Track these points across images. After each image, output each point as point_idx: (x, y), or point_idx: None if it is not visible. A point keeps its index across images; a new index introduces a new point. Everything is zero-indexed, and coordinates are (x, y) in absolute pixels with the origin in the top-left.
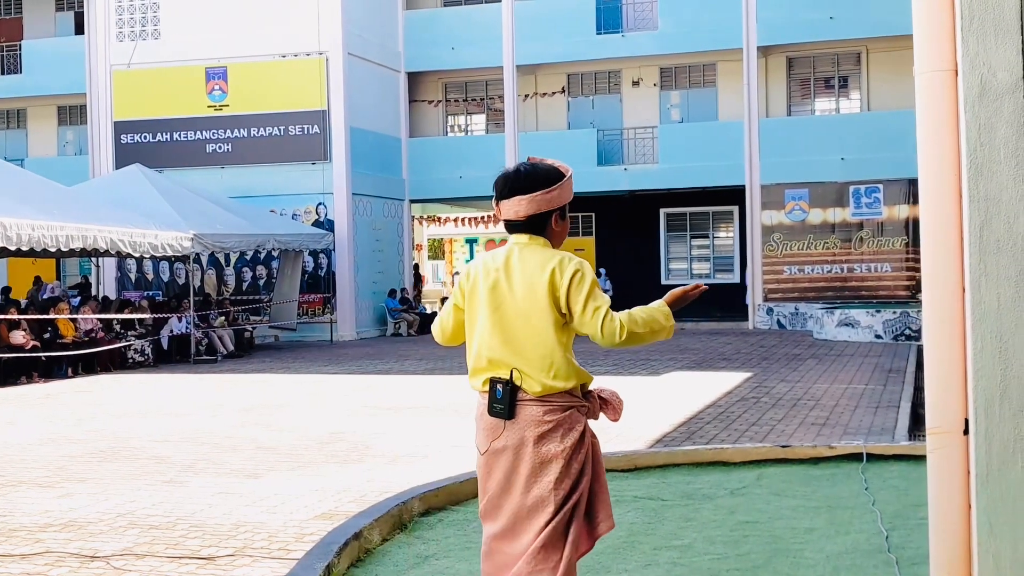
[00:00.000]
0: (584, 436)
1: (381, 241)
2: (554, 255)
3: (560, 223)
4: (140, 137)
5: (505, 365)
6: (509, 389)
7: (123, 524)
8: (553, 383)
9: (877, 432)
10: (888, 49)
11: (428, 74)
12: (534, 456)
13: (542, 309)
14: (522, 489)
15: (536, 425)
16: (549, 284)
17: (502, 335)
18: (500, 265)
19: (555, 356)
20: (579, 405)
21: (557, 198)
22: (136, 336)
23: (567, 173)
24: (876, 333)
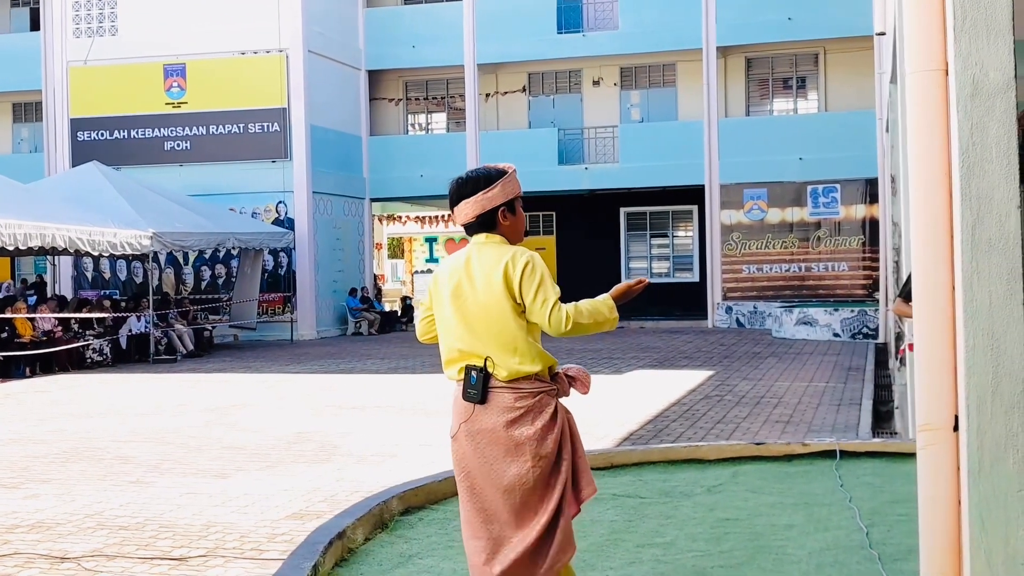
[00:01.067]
0: (556, 416)
1: (342, 240)
2: (508, 250)
3: (509, 217)
4: (97, 134)
5: (477, 355)
6: (483, 376)
7: (91, 525)
8: (519, 368)
9: (841, 429)
10: (845, 50)
11: (389, 72)
12: (507, 440)
13: (500, 300)
14: (499, 469)
15: (508, 411)
16: (504, 277)
17: (468, 327)
18: (461, 265)
19: (518, 343)
20: (548, 389)
21: (499, 195)
22: (95, 336)
23: (507, 171)
24: (834, 331)
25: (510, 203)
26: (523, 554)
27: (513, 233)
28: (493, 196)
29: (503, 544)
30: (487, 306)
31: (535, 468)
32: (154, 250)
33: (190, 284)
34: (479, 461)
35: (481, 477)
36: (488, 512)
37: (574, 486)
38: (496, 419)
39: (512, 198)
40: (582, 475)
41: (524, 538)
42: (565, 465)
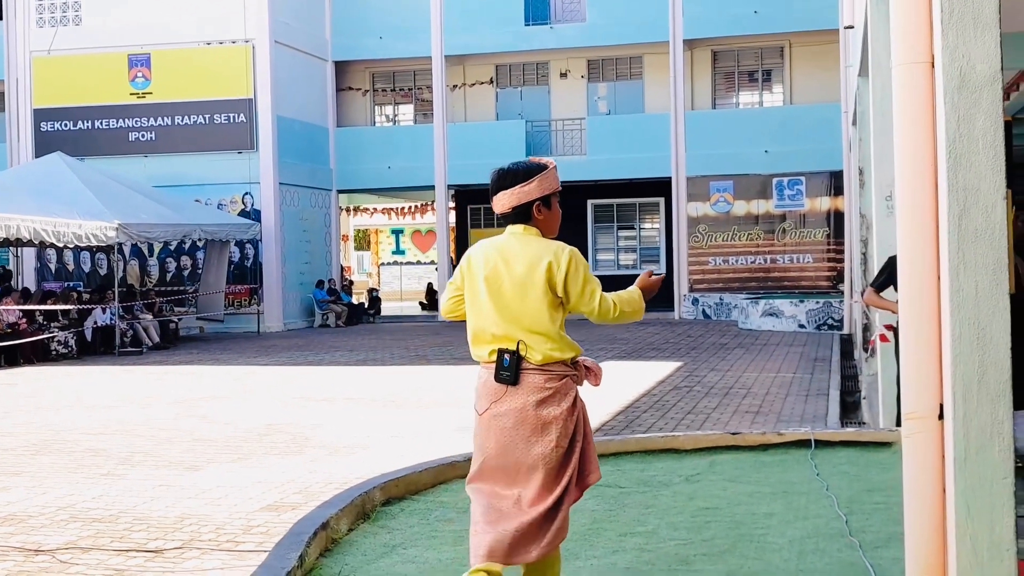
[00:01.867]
0: (576, 401)
1: (309, 232)
2: (549, 246)
3: (544, 212)
4: (61, 125)
5: (510, 339)
6: (516, 359)
7: (64, 517)
8: (551, 354)
9: (810, 419)
10: (811, 44)
11: (356, 63)
12: (535, 419)
13: (539, 292)
14: (524, 447)
15: (538, 391)
16: (547, 272)
17: (504, 313)
18: (498, 251)
19: (552, 331)
20: (572, 374)
21: (535, 190)
22: (59, 328)
23: (548, 166)
24: (800, 323)
25: (546, 198)
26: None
27: (547, 228)
28: (529, 191)
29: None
30: (525, 294)
31: (558, 448)
32: (119, 242)
33: (155, 276)
34: (505, 440)
35: (503, 455)
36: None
37: (580, 471)
38: (526, 399)
39: (548, 193)
40: (589, 462)
41: (528, 514)
42: (577, 449)
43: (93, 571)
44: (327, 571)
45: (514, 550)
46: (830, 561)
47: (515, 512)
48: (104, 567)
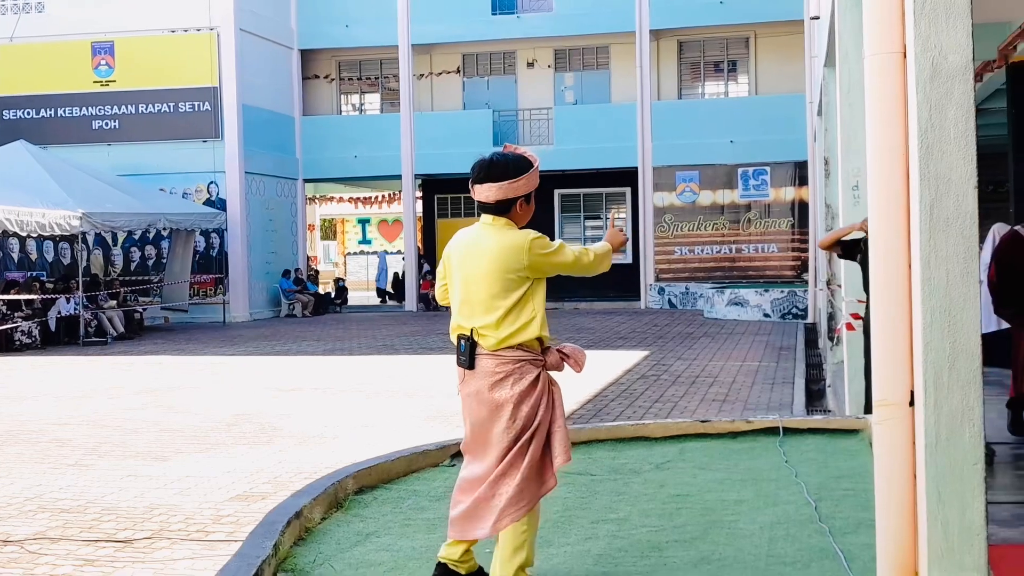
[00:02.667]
0: (536, 383)
1: (275, 221)
2: (517, 234)
3: (525, 207)
4: (24, 113)
5: (468, 325)
6: (469, 344)
7: (32, 508)
8: (504, 339)
9: (776, 407)
10: (776, 34)
11: (321, 52)
12: (490, 401)
13: (494, 278)
14: (486, 426)
15: (489, 376)
16: (515, 258)
17: (466, 301)
18: (470, 241)
19: (506, 317)
20: (531, 358)
21: (523, 186)
22: (23, 318)
23: (534, 164)
24: (764, 312)
25: (529, 195)
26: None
27: (522, 220)
28: (518, 187)
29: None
30: (484, 284)
31: (509, 430)
32: (83, 231)
33: (119, 265)
34: (473, 418)
35: (473, 432)
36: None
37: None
38: (480, 382)
39: (531, 191)
40: (557, 443)
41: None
42: (540, 432)
43: (63, 561)
44: (301, 560)
45: (467, 525)
46: (801, 547)
47: (474, 488)
48: (74, 557)
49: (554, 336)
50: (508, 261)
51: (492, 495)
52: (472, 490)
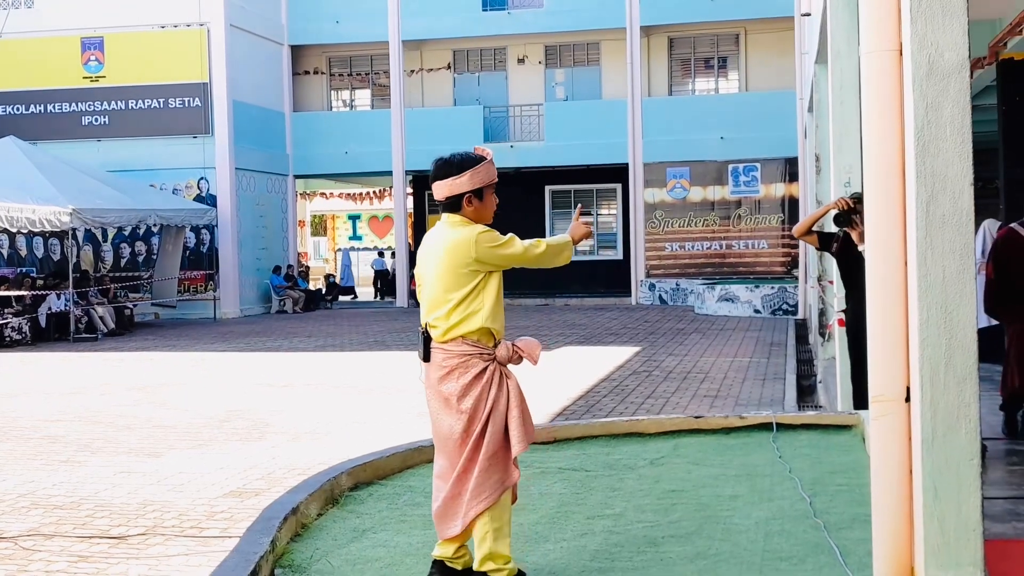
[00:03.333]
0: (482, 376)
1: (265, 217)
2: (464, 228)
3: (474, 203)
4: (13, 109)
5: (424, 319)
6: (425, 337)
7: (25, 504)
8: (449, 330)
9: (768, 403)
10: (766, 31)
11: (312, 47)
12: (439, 394)
13: (445, 273)
14: (440, 420)
15: (438, 368)
16: (463, 252)
17: (427, 295)
18: (430, 240)
19: (455, 310)
20: (478, 352)
21: (465, 183)
22: (13, 314)
23: (483, 160)
24: (755, 308)
25: (478, 191)
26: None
27: (478, 217)
28: (461, 184)
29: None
30: (436, 277)
31: (458, 422)
32: (73, 227)
33: (109, 261)
34: (431, 412)
35: (433, 427)
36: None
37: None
38: (433, 375)
39: (481, 186)
40: (514, 432)
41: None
42: (493, 425)
43: (56, 557)
44: (298, 556)
45: (442, 523)
46: (796, 542)
47: (443, 484)
48: (68, 553)
49: (546, 333)
50: (458, 256)
51: (458, 492)
52: (442, 487)
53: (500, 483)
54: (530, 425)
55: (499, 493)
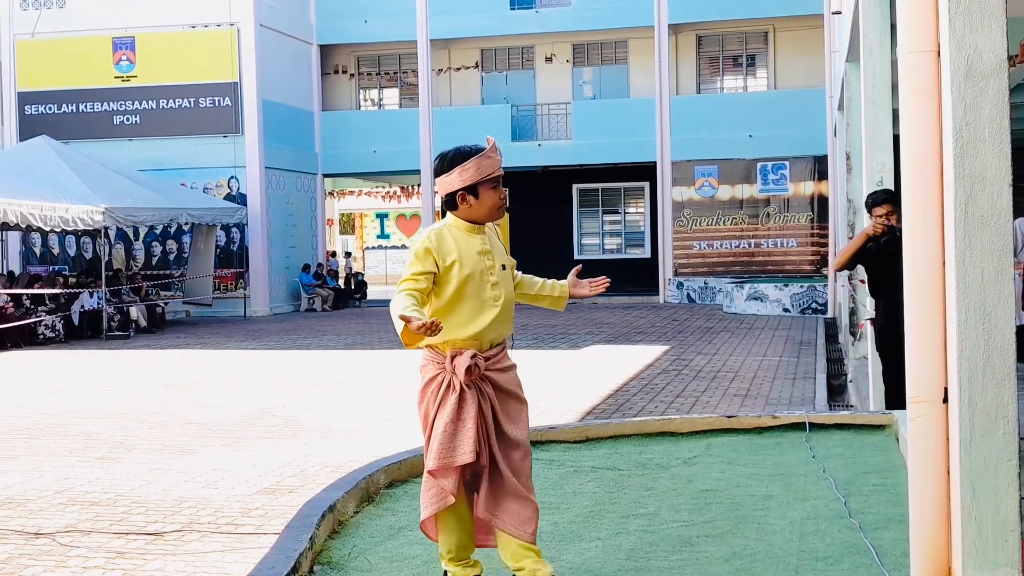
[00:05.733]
0: (430, 384)
1: (295, 216)
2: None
3: (469, 200)
4: (45, 108)
5: None
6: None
7: (62, 501)
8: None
9: (798, 403)
10: (795, 28)
11: (341, 47)
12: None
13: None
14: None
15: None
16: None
17: None
18: None
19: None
20: (433, 359)
21: (455, 181)
22: (47, 312)
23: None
24: (784, 307)
25: (472, 187)
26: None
27: (475, 216)
28: (450, 182)
29: None
30: None
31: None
32: (105, 225)
33: (141, 260)
34: None
35: None
36: None
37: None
38: None
39: (473, 183)
40: (428, 449)
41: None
42: (429, 430)
43: (94, 554)
44: (336, 553)
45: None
46: (832, 542)
47: None
48: (105, 550)
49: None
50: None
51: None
52: None
53: (433, 499)
54: (449, 448)
55: (428, 508)
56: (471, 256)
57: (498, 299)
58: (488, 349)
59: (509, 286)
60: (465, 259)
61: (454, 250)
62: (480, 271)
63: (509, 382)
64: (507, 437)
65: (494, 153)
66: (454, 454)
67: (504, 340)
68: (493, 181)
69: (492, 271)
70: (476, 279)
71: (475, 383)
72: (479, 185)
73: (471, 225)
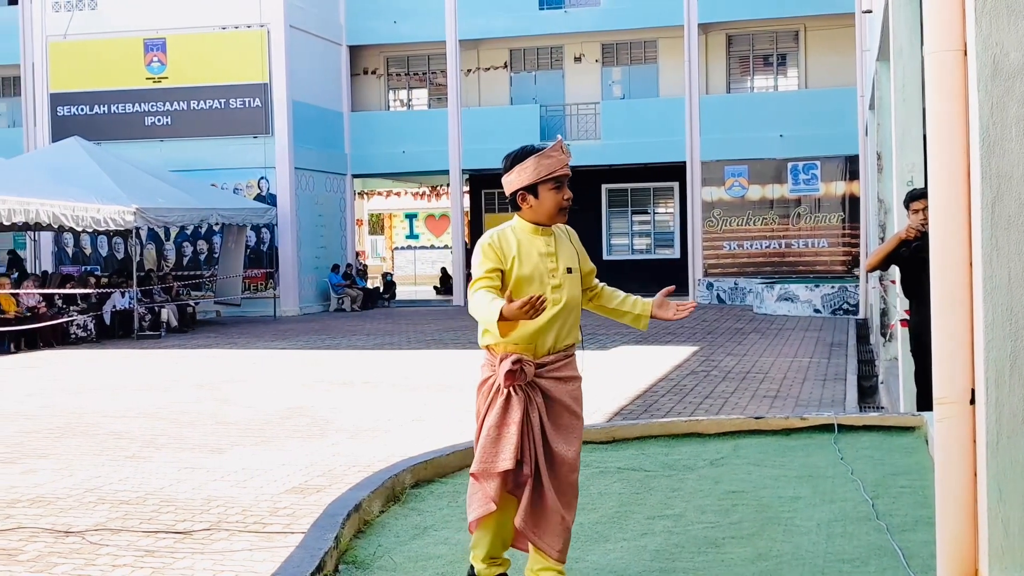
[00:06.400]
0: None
1: (324, 216)
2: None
3: (530, 200)
4: (77, 109)
5: None
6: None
7: (92, 499)
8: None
9: (828, 404)
10: (826, 27)
11: (370, 48)
12: None
13: None
14: None
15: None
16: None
17: None
18: None
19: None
20: (488, 363)
21: (514, 181)
22: (78, 311)
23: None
24: (815, 307)
25: (532, 187)
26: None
27: (537, 216)
28: (511, 181)
29: None
30: None
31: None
32: (137, 226)
33: (172, 260)
34: None
35: None
36: None
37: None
38: None
39: (533, 182)
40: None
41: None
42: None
43: (123, 552)
44: (361, 552)
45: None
46: (859, 544)
47: None
48: (134, 548)
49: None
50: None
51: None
52: None
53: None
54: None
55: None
56: (532, 256)
57: (557, 302)
58: (545, 355)
59: (574, 291)
60: (525, 259)
61: (514, 249)
62: (541, 272)
63: (564, 393)
64: (553, 451)
65: (556, 152)
66: (496, 460)
67: (566, 348)
68: (555, 181)
69: (554, 273)
70: (535, 280)
71: (524, 389)
72: (539, 185)
73: (536, 226)
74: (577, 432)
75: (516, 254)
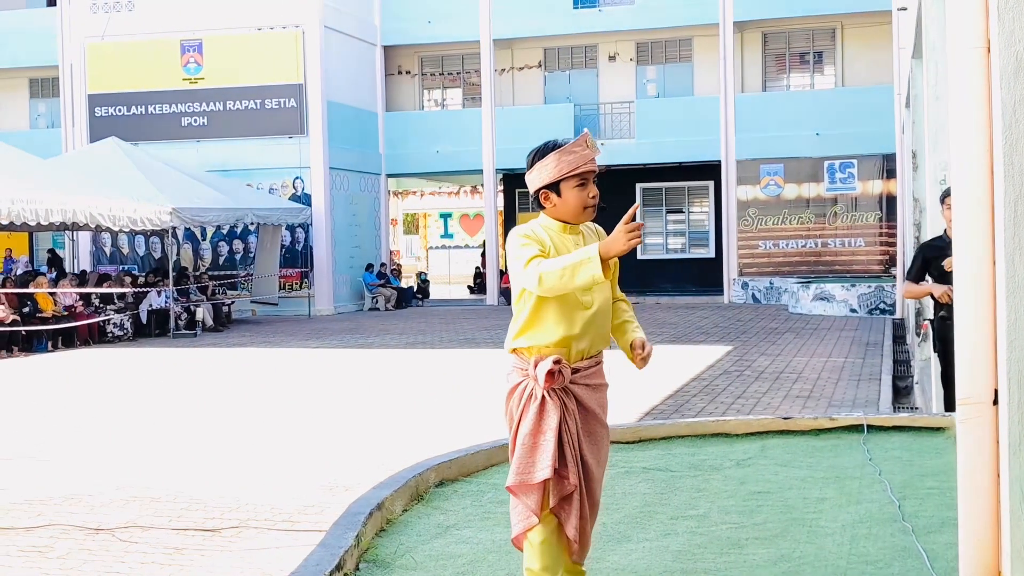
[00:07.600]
0: (513, 391)
1: (358, 215)
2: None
3: (552, 198)
4: (115, 110)
5: None
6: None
7: (123, 497)
8: (508, 344)
9: (862, 404)
10: (862, 25)
11: (404, 48)
12: None
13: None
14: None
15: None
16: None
17: None
18: None
19: (513, 322)
20: (518, 366)
21: (535, 179)
22: (115, 310)
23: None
24: (851, 307)
25: (553, 185)
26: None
27: (561, 214)
28: (531, 180)
29: None
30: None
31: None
32: (173, 225)
33: (208, 259)
34: None
35: None
36: None
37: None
38: None
39: (554, 181)
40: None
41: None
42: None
43: (152, 549)
44: (383, 551)
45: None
46: (883, 546)
47: None
48: (163, 546)
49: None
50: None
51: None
52: None
53: (522, 517)
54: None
55: (522, 528)
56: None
57: (590, 304)
58: (578, 361)
59: (606, 295)
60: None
61: (547, 244)
62: None
63: (594, 402)
64: (586, 462)
65: (580, 147)
66: (532, 470)
67: (597, 354)
68: (579, 178)
69: None
70: None
71: (558, 394)
72: (561, 182)
73: (563, 224)
74: (605, 443)
75: (552, 246)
